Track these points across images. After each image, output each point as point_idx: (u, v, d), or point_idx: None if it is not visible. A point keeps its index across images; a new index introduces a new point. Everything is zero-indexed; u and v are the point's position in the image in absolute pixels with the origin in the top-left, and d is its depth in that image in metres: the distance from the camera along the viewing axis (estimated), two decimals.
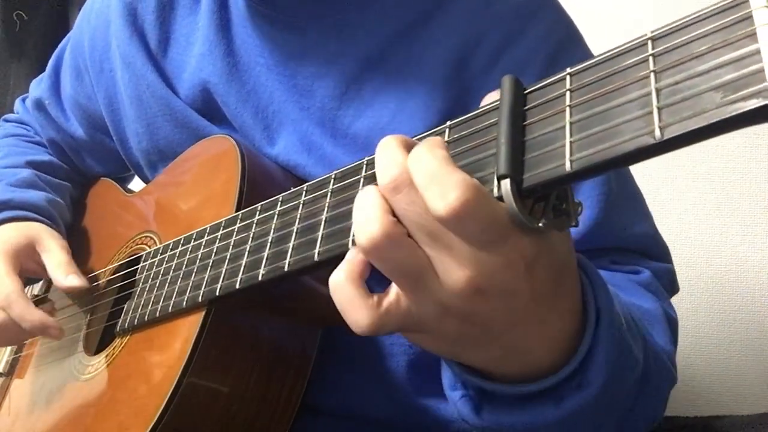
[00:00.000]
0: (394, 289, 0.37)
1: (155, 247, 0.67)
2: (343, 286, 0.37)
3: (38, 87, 0.91)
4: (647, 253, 0.66)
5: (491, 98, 0.37)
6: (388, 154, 0.35)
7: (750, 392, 1.15)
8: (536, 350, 0.39)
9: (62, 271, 0.72)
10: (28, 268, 0.75)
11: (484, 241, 0.33)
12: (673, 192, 1.20)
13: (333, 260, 0.40)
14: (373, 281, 0.37)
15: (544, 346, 0.39)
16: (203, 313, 0.56)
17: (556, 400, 0.40)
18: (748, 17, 0.28)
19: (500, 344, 0.38)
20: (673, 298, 1.16)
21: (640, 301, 0.57)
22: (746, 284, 1.17)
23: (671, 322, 0.59)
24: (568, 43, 0.64)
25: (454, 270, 0.34)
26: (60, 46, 0.90)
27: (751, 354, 1.16)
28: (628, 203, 0.66)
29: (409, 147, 0.36)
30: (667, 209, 1.20)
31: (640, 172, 1.18)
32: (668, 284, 0.67)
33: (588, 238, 0.61)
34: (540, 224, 0.34)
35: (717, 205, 1.19)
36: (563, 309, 0.39)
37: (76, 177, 0.91)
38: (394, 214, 0.35)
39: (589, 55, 0.34)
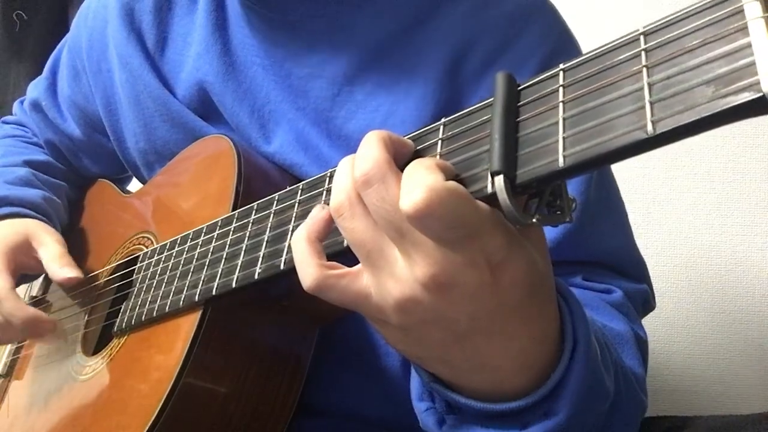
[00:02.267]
0: (358, 266, 0.38)
1: (152, 247, 0.67)
2: (299, 241, 0.40)
3: (35, 89, 0.91)
4: (622, 270, 0.65)
5: None
6: (365, 148, 0.36)
7: (750, 392, 1.15)
8: (504, 368, 0.39)
9: (57, 263, 0.72)
10: (25, 264, 0.75)
11: (448, 239, 0.33)
12: (673, 192, 1.20)
13: (329, 257, 0.40)
14: None
15: (513, 365, 0.39)
16: (200, 312, 0.56)
17: (521, 425, 0.40)
18: (740, 11, 0.28)
19: (464, 353, 0.38)
20: (673, 297, 1.17)
21: (611, 322, 0.57)
22: (746, 284, 1.16)
23: (641, 344, 0.58)
24: (562, 49, 0.64)
25: (419, 264, 0.35)
26: (58, 47, 0.90)
27: (751, 354, 1.15)
28: (605, 215, 0.65)
29: (390, 144, 0.37)
30: (667, 209, 1.20)
31: (640, 171, 1.20)
32: (641, 305, 0.66)
33: (560, 249, 0.60)
34: (534, 220, 0.34)
35: (717, 205, 1.19)
36: (535, 330, 0.38)
37: (73, 178, 0.92)
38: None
39: None
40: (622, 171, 0.70)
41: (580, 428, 0.41)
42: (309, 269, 0.38)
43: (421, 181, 0.33)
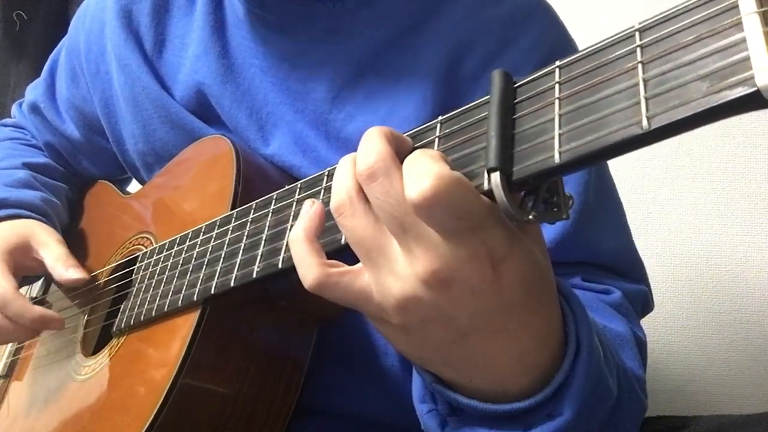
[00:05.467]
0: (360, 264, 0.38)
1: (151, 247, 0.67)
2: (297, 241, 0.40)
3: (33, 91, 0.91)
4: (621, 271, 0.65)
5: None
6: (368, 143, 0.36)
7: (750, 392, 1.14)
8: (506, 367, 0.39)
9: (62, 264, 0.71)
10: (25, 266, 0.75)
11: (453, 231, 0.33)
12: (673, 192, 1.20)
13: (328, 255, 0.40)
14: None
15: (515, 365, 0.39)
16: (198, 312, 0.56)
17: (525, 426, 0.39)
18: (734, 6, 0.28)
19: (466, 352, 0.38)
20: (673, 297, 1.17)
21: (611, 323, 0.57)
22: (746, 284, 1.16)
23: (640, 345, 0.58)
24: (560, 50, 0.64)
25: (420, 259, 0.34)
26: (56, 49, 0.90)
27: (751, 354, 1.15)
28: (603, 216, 0.65)
29: (392, 139, 0.37)
30: (667, 209, 1.20)
31: (640, 172, 1.20)
32: (640, 306, 0.65)
33: (559, 250, 0.60)
34: (530, 217, 0.34)
35: (717, 205, 1.19)
36: (537, 329, 0.38)
37: (73, 179, 0.92)
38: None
39: None
40: (622, 171, 0.70)
41: (583, 429, 0.41)
42: (309, 268, 0.38)
43: (429, 170, 0.33)
